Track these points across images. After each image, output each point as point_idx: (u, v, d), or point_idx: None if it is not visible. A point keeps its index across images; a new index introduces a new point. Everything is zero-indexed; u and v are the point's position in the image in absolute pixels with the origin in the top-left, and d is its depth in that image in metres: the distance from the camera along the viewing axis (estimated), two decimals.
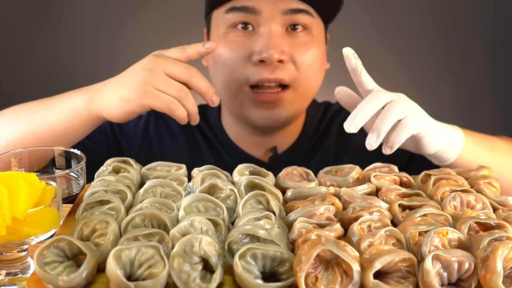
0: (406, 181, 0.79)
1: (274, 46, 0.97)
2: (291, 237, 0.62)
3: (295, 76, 1.00)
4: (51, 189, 0.66)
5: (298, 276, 0.53)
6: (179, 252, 0.55)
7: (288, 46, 0.99)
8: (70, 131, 0.91)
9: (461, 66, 2.22)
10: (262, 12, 0.99)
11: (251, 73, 0.99)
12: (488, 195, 0.73)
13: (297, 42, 1.00)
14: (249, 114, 1.03)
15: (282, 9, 0.99)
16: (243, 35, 1.01)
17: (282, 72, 0.99)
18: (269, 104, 1.01)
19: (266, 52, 0.97)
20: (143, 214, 0.64)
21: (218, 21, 1.04)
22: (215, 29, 1.05)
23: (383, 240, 0.59)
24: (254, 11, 0.99)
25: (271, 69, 0.98)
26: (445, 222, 0.65)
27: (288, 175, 0.80)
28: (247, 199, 0.69)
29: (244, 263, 0.56)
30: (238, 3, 1.00)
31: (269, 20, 0.99)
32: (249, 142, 1.11)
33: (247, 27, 1.01)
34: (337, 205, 0.69)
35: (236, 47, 1.00)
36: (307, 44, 1.01)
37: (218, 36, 1.03)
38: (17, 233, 0.61)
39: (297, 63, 1.00)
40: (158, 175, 0.77)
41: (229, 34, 1.02)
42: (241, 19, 1.00)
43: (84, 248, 0.57)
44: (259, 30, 1.00)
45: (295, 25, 1.01)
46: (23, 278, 0.66)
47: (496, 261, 0.53)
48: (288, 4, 0.99)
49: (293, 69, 1.00)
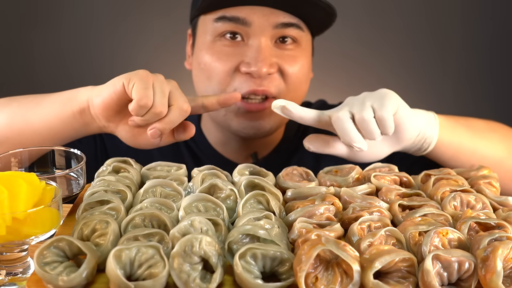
0: (406, 181, 0.79)
1: (264, 59, 0.96)
2: (291, 237, 0.62)
3: (281, 88, 1.00)
4: (51, 189, 0.66)
5: (298, 276, 0.53)
6: (179, 252, 0.55)
7: (277, 58, 0.98)
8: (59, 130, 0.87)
9: (461, 66, 2.23)
10: (253, 24, 0.97)
11: (238, 84, 0.98)
12: (488, 195, 0.73)
13: (285, 54, 1.00)
14: (232, 124, 1.02)
15: (273, 23, 0.98)
16: (231, 45, 0.99)
17: (269, 84, 0.98)
18: (253, 115, 1.00)
19: (255, 66, 0.96)
20: (143, 214, 0.64)
21: (205, 27, 1.02)
22: (202, 35, 1.03)
23: (383, 240, 0.60)
24: (245, 23, 0.98)
25: (259, 81, 0.97)
26: (445, 222, 0.65)
27: (288, 175, 0.80)
28: (247, 199, 0.69)
29: (244, 263, 0.56)
30: (228, 13, 0.98)
31: (259, 33, 0.97)
32: (229, 147, 1.10)
33: (235, 37, 0.99)
34: (337, 205, 0.69)
35: (224, 56, 0.99)
36: (295, 56, 1.01)
37: (205, 43, 1.01)
38: (17, 233, 0.61)
39: (285, 74, 0.99)
40: (158, 175, 0.77)
41: (216, 42, 1.00)
42: (230, 29, 0.99)
43: (84, 248, 0.57)
44: (248, 42, 0.98)
45: (284, 38, 1.00)
46: (23, 278, 0.66)
47: (496, 261, 0.53)
48: (280, 18, 0.98)
49: (280, 81, 0.99)
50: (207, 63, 1.00)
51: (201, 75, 1.02)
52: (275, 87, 0.99)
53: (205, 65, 1.01)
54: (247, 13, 0.98)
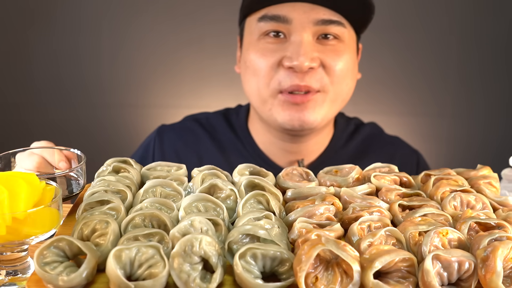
0: (406, 181, 0.79)
1: (305, 53, 0.98)
2: (291, 237, 0.62)
3: (324, 82, 1.02)
4: (51, 189, 0.67)
5: (298, 276, 0.53)
6: (179, 252, 0.55)
7: (319, 53, 1.00)
8: None
9: (461, 66, 2.22)
10: (294, 21, 1.00)
11: (282, 78, 1.01)
12: (488, 195, 0.73)
13: (328, 49, 1.01)
14: (278, 117, 1.04)
15: (313, 19, 1.00)
16: (274, 42, 1.02)
17: (311, 79, 1.00)
18: (298, 107, 1.02)
19: (297, 60, 0.98)
20: (143, 214, 0.64)
21: (250, 28, 1.06)
22: (248, 35, 1.06)
23: (383, 240, 0.59)
24: (286, 20, 1.00)
25: (302, 75, 0.99)
26: (445, 222, 0.65)
27: (288, 175, 0.80)
28: (247, 199, 0.69)
29: (244, 263, 0.56)
30: (270, 12, 1.01)
31: (300, 29, 1.00)
32: (275, 149, 1.12)
33: (278, 35, 1.02)
34: (337, 205, 0.69)
35: (267, 53, 1.02)
36: (338, 51, 1.02)
37: (251, 42, 1.05)
38: (17, 233, 0.61)
39: (328, 69, 1.01)
40: (158, 175, 0.77)
41: (261, 40, 1.03)
42: (272, 27, 1.02)
43: (84, 248, 0.57)
44: (290, 38, 1.01)
45: (326, 35, 1.02)
46: (23, 278, 0.66)
47: (496, 261, 0.53)
48: (320, 14, 1.00)
49: (323, 75, 1.01)
50: (252, 60, 1.04)
51: (247, 73, 1.06)
52: (317, 81, 1.01)
53: (251, 62, 1.04)
54: (288, 10, 1.00)
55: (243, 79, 1.09)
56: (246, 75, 1.07)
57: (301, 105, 1.02)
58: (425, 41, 2.16)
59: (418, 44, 2.18)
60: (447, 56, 2.20)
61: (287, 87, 1.00)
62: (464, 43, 2.19)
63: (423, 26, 2.17)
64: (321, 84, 1.01)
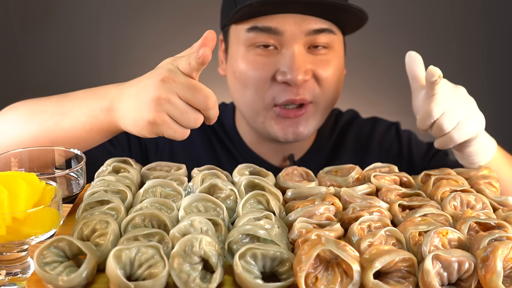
0: (406, 181, 0.79)
1: (298, 68, 0.97)
2: (291, 237, 0.62)
3: (316, 92, 1.01)
4: (51, 189, 0.66)
5: (298, 276, 0.53)
6: (179, 252, 0.55)
7: (310, 64, 0.99)
8: (88, 140, 0.84)
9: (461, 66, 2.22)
10: (285, 33, 0.98)
11: (276, 93, 0.99)
12: (488, 195, 0.73)
13: (319, 59, 1.00)
14: (272, 130, 1.03)
15: (305, 30, 0.98)
16: (265, 54, 1.00)
17: (304, 92, 0.99)
18: (292, 120, 1.02)
19: (291, 74, 0.97)
20: (143, 214, 0.64)
21: (237, 37, 1.03)
22: (234, 44, 1.03)
23: (383, 240, 0.59)
24: (277, 32, 0.98)
25: (295, 89, 0.98)
26: (445, 222, 0.65)
27: (288, 175, 0.80)
28: (247, 199, 0.69)
29: (244, 263, 0.56)
30: (260, 24, 0.99)
31: (292, 41, 0.98)
32: (264, 148, 1.12)
33: (268, 46, 1.00)
34: (337, 205, 0.69)
35: (259, 66, 1.00)
36: (328, 60, 1.01)
37: (239, 52, 1.02)
38: (17, 233, 0.61)
39: (319, 79, 1.00)
40: (158, 175, 0.77)
41: (250, 51, 1.01)
42: (263, 39, 0.99)
43: (84, 248, 0.57)
44: (282, 51, 0.99)
45: (317, 45, 1.01)
46: (23, 278, 0.66)
47: (496, 261, 0.53)
48: (311, 25, 0.98)
49: (315, 86, 1.00)
50: (242, 72, 1.01)
51: (237, 83, 1.03)
52: (310, 93, 1.00)
53: (241, 73, 1.02)
54: (279, 22, 0.98)
55: (231, 87, 1.06)
56: (235, 85, 1.04)
57: (294, 119, 1.01)
58: (425, 41, 2.16)
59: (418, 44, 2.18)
60: (447, 56, 2.20)
61: (281, 101, 0.99)
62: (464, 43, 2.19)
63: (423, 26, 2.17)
64: (313, 95, 1.01)
